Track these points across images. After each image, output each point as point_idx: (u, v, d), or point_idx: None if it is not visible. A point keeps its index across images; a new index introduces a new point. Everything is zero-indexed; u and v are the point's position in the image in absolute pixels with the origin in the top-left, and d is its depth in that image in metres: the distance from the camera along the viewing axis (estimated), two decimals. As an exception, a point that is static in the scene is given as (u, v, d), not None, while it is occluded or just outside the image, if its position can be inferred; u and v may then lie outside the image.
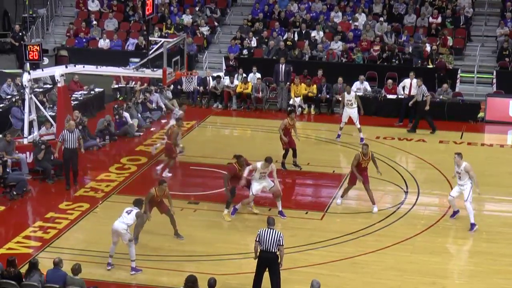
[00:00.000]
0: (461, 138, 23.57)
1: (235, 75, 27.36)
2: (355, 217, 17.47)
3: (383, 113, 25.53)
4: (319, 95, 26.43)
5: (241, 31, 30.48)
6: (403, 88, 25.15)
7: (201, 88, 27.33)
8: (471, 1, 31.10)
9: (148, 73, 19.94)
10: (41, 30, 32.70)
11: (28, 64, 20.53)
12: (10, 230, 16.81)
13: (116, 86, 27.69)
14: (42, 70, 21.20)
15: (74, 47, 31.27)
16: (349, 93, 22.82)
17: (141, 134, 23.74)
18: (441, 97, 25.73)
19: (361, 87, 26.02)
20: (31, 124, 20.31)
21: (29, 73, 20.02)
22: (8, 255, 14.08)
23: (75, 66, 20.93)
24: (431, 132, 23.86)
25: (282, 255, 13.17)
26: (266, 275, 13.42)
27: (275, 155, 18.34)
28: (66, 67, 20.77)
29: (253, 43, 29.83)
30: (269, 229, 13.23)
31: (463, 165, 16.60)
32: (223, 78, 27.46)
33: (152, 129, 24.31)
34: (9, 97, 24.51)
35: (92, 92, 26.05)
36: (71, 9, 34.45)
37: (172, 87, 27.01)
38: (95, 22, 32.29)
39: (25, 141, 20.09)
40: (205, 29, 31.35)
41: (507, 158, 22.05)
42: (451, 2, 30.97)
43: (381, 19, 30.09)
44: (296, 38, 29.75)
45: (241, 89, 26.87)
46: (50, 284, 12.64)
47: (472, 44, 29.60)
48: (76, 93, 25.47)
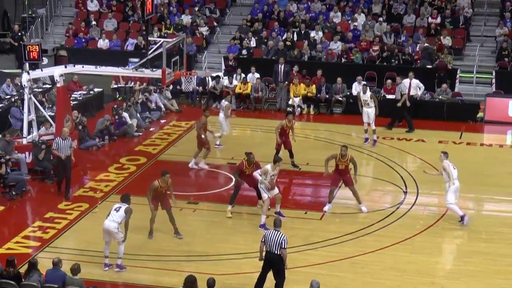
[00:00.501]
0: (460, 138, 23.58)
1: (234, 75, 27.37)
2: (355, 217, 17.47)
3: (382, 113, 25.42)
4: (318, 95, 26.43)
5: (240, 31, 30.47)
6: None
7: (200, 88, 27.34)
8: (471, 1, 31.11)
9: (147, 73, 19.92)
10: (40, 30, 32.69)
11: (27, 64, 20.48)
12: (9, 230, 16.81)
13: (115, 86, 27.68)
14: (41, 70, 21.17)
15: (73, 47, 31.26)
16: (365, 93, 22.57)
17: (141, 134, 23.72)
18: (440, 97, 25.76)
19: (359, 88, 26.01)
20: (30, 124, 20.29)
21: (29, 73, 19.98)
22: (7, 255, 14.08)
23: (74, 66, 20.90)
24: (406, 130, 23.88)
25: (284, 257, 13.19)
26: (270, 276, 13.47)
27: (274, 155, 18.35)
28: (65, 67, 20.74)
29: (252, 43, 29.82)
30: (275, 231, 13.29)
31: (442, 164, 16.88)
32: (222, 78, 27.47)
33: (151, 129, 24.29)
34: (8, 97, 24.48)
35: (91, 92, 26.06)
36: (71, 9, 34.44)
37: (171, 87, 27.02)
38: (94, 22, 32.29)
39: (24, 141, 20.08)
40: (204, 29, 31.33)
41: (506, 158, 22.05)
42: (450, 2, 30.97)
43: (381, 19, 30.08)
44: (295, 38, 29.75)
45: (240, 89, 26.89)
46: (49, 284, 12.64)
47: (471, 44, 29.59)
48: (75, 93, 25.47)
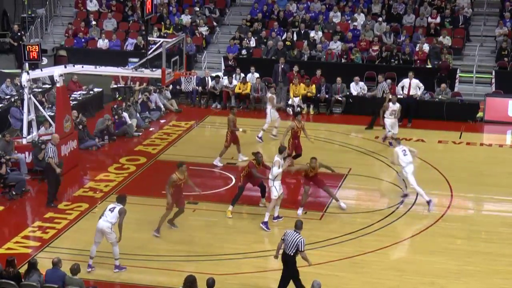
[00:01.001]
0: (460, 138, 23.58)
1: (233, 75, 27.36)
2: (355, 217, 17.48)
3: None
4: (318, 95, 26.42)
5: (240, 31, 30.46)
6: (402, 88, 25.21)
7: (200, 88, 27.34)
8: (470, 1, 31.11)
9: (147, 73, 19.93)
10: (40, 30, 32.67)
11: (27, 64, 20.46)
12: (9, 230, 16.81)
13: (115, 86, 27.67)
14: (41, 70, 21.16)
15: (73, 47, 31.24)
16: (394, 103, 22.14)
17: (140, 134, 23.72)
18: (440, 97, 25.75)
19: (357, 88, 26.07)
20: (30, 124, 20.29)
21: (28, 73, 19.98)
22: (7, 255, 14.10)
23: (74, 66, 20.91)
24: (366, 127, 23.89)
25: (305, 258, 13.34)
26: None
27: (274, 155, 18.31)
28: (65, 67, 20.73)
29: (252, 43, 29.81)
30: (295, 232, 13.36)
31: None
32: (222, 78, 27.46)
33: (151, 129, 24.28)
34: (8, 97, 24.48)
35: (91, 92, 26.06)
36: (70, 9, 34.42)
37: (171, 87, 27.01)
38: (94, 22, 32.27)
39: (24, 141, 20.08)
40: (204, 29, 31.32)
41: (506, 158, 22.05)
42: (450, 2, 30.96)
43: (380, 19, 30.07)
44: (295, 38, 29.74)
45: (240, 89, 26.87)
46: (49, 284, 12.64)
47: (471, 44, 29.58)
48: (75, 93, 25.48)
